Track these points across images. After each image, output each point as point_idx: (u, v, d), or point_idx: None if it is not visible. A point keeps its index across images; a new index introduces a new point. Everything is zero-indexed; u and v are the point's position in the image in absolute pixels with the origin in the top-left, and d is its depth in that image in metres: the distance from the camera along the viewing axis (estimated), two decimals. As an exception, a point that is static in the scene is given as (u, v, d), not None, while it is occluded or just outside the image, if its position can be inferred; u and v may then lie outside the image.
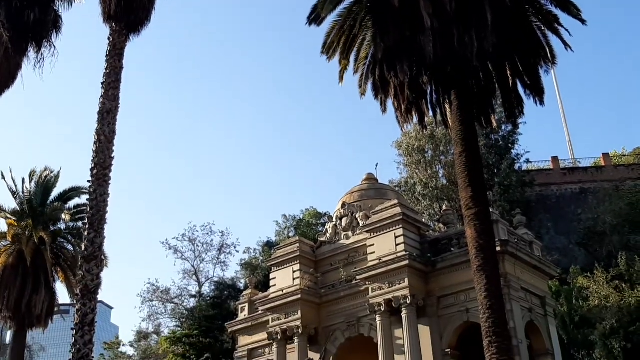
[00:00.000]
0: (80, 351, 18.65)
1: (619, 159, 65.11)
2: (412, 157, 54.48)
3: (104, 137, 20.68)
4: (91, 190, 20.07)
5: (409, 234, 28.79)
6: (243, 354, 34.15)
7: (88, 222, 19.65)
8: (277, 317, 31.15)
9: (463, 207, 19.16)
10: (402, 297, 26.92)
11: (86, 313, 18.80)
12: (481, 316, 17.13)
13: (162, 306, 60.84)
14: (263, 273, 51.41)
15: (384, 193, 34.10)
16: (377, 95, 21.89)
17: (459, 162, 19.52)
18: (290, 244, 33.44)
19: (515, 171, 53.43)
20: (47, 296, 35.19)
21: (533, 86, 21.16)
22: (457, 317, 26.91)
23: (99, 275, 19.39)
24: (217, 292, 56.51)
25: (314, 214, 62.98)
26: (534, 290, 28.15)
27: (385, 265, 27.70)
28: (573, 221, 54.52)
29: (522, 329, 25.98)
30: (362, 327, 29.50)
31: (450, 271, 27.52)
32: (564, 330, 34.77)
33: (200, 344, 45.16)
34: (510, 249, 26.47)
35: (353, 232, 31.83)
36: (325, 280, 31.82)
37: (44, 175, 38.00)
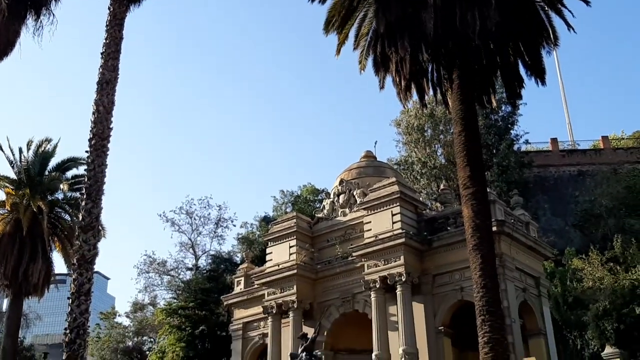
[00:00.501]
0: (76, 320, 18.77)
1: (617, 142, 65.12)
2: (411, 136, 54.39)
3: (103, 107, 20.62)
4: (89, 161, 20.06)
5: (406, 212, 28.85)
6: (238, 326, 34.43)
7: (85, 192, 19.66)
8: (272, 292, 31.33)
9: (461, 187, 19.19)
10: (397, 275, 27.06)
11: (82, 283, 18.90)
12: (475, 295, 17.25)
13: (159, 278, 61.23)
14: (259, 248, 51.57)
15: (382, 171, 34.10)
16: (377, 71, 21.80)
17: (458, 141, 19.50)
18: (287, 219, 33.52)
19: (514, 152, 53.40)
20: (44, 265, 35.36)
21: (534, 67, 21.08)
22: (452, 295, 27.09)
23: (95, 245, 19.45)
24: (214, 266, 56.76)
25: (311, 190, 63.02)
26: (528, 270, 28.31)
27: (381, 242, 27.80)
28: (570, 203, 54.69)
29: (515, 309, 26.16)
30: (357, 303, 29.69)
31: (446, 250, 27.64)
32: (557, 311, 35.05)
33: (196, 316, 45.45)
34: (507, 229, 26.56)
35: (350, 209, 31.90)
36: (321, 256, 31.95)
37: (42, 145, 37.95)
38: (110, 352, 61.74)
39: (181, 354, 43.90)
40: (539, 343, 27.44)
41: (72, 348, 18.76)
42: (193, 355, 43.22)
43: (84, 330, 19.18)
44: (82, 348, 18.95)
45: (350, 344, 31.06)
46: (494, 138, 52.31)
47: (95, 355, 62.68)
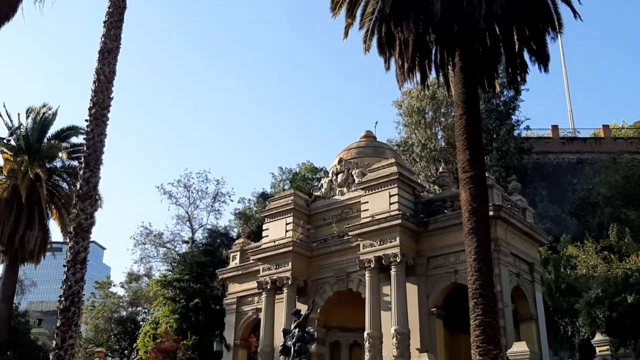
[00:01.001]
0: (71, 288, 18.84)
1: (618, 132, 65.11)
2: (412, 118, 54.30)
3: (104, 76, 20.50)
4: (88, 130, 19.99)
5: (404, 193, 28.89)
6: (232, 301, 34.64)
7: (84, 161, 19.62)
8: (267, 267, 31.47)
9: (459, 170, 19.20)
10: (392, 255, 27.17)
11: (78, 251, 18.93)
12: (469, 278, 17.34)
13: (155, 250, 61.46)
14: (256, 224, 51.69)
15: (382, 151, 34.08)
16: (382, 51, 21.69)
17: (459, 124, 19.47)
18: (285, 196, 33.56)
19: (514, 137, 53.36)
20: (41, 232, 35.46)
21: (538, 52, 20.98)
22: (445, 277, 27.24)
23: (92, 214, 19.46)
24: (210, 240, 56.91)
25: (310, 168, 63.01)
26: (523, 256, 28.44)
27: (377, 223, 27.87)
28: (568, 191, 54.77)
29: (508, 293, 26.32)
30: (351, 282, 29.85)
31: (442, 232, 27.74)
32: (550, 297, 35.23)
33: (191, 288, 45.64)
34: (503, 214, 26.63)
35: (348, 189, 31.92)
36: (317, 234, 32.05)
37: (42, 112, 37.81)
38: (105, 321, 62.16)
39: (175, 326, 44.16)
40: (530, 328, 27.67)
41: (66, 315, 18.85)
42: (187, 327, 43.47)
43: (79, 299, 19.25)
44: (77, 316, 19.03)
45: (342, 322, 31.32)
46: (495, 123, 52.25)
47: (90, 323, 63.12)
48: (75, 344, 19.32)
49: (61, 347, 18.68)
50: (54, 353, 18.71)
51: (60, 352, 18.63)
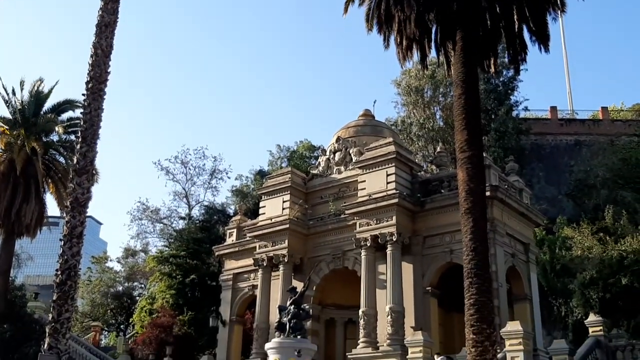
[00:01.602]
0: (68, 262, 18.92)
1: (617, 114, 64.94)
2: (411, 97, 54.09)
3: (101, 50, 20.41)
4: (85, 104, 19.96)
5: (401, 172, 28.88)
6: (228, 277, 34.76)
7: (81, 135, 19.61)
8: (264, 245, 31.54)
9: (457, 150, 19.14)
10: (389, 234, 27.23)
11: (75, 225, 18.98)
12: (464, 257, 17.37)
13: (151, 225, 61.53)
14: (253, 201, 51.72)
15: (380, 130, 34.00)
16: (381, 29, 21.49)
17: (458, 104, 19.37)
18: (282, 174, 33.52)
19: (513, 118, 53.22)
20: (37, 206, 35.38)
21: (539, 33, 20.79)
22: (441, 257, 27.33)
23: (89, 189, 19.49)
24: (207, 216, 56.94)
25: (307, 146, 62.88)
26: (518, 236, 28.52)
27: (374, 201, 27.89)
28: (565, 172, 54.81)
29: (503, 273, 26.45)
30: (347, 260, 29.94)
31: (438, 212, 27.77)
32: (544, 278, 35.44)
33: (187, 265, 45.75)
34: (500, 195, 26.65)
35: (345, 167, 31.88)
36: (314, 213, 32.07)
37: (38, 86, 37.52)
38: (101, 296, 62.43)
39: (171, 301, 44.35)
40: (524, 308, 27.84)
41: (62, 289, 18.96)
42: (183, 302, 43.67)
43: (75, 273, 19.35)
44: (73, 290, 19.14)
45: (338, 300, 31.49)
46: (494, 103, 52.08)
47: (86, 298, 63.39)
48: (72, 317, 19.47)
49: (57, 320, 18.84)
50: (50, 326, 18.86)
51: (56, 325, 18.78)
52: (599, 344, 25.64)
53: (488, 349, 15.86)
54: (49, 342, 18.69)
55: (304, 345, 24.17)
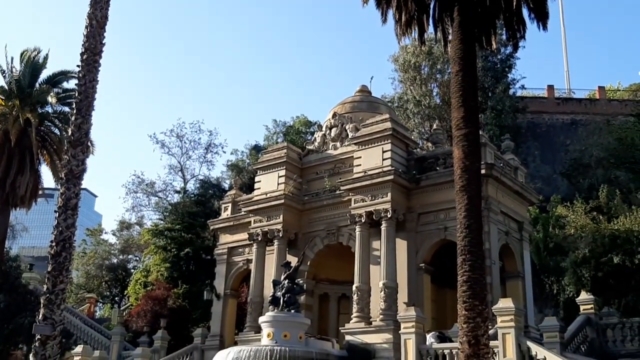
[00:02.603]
0: (62, 234, 18.94)
1: (613, 94, 64.87)
2: (408, 74, 53.86)
3: (96, 21, 20.23)
4: (80, 76, 19.84)
5: (397, 149, 28.86)
6: (223, 251, 34.88)
7: (75, 107, 19.52)
8: (259, 219, 31.60)
9: (453, 127, 19.09)
10: (383, 211, 27.29)
11: (70, 197, 18.97)
12: (458, 235, 17.43)
13: (146, 199, 61.62)
14: (248, 176, 51.73)
15: (376, 107, 33.89)
16: (379, 4, 21.31)
17: (455, 81, 19.27)
18: (278, 149, 33.46)
19: (510, 96, 53.12)
20: (32, 178, 35.29)
21: (538, 10, 20.64)
22: (435, 234, 27.44)
23: (84, 161, 19.45)
24: (202, 190, 56.98)
25: (304, 122, 62.77)
26: (513, 214, 28.63)
27: (370, 178, 27.91)
28: (560, 151, 54.88)
29: (496, 251, 26.60)
30: (342, 236, 30.04)
31: (433, 190, 27.81)
32: (537, 256, 35.64)
33: (182, 238, 45.89)
34: (495, 173, 26.69)
35: (341, 143, 31.84)
36: (309, 188, 32.09)
37: (33, 56, 37.18)
38: (96, 268, 62.67)
39: (166, 274, 44.58)
40: (516, 285, 28.04)
41: (57, 260, 19.02)
42: (177, 276, 43.91)
43: (70, 244, 19.40)
44: (68, 261, 19.21)
45: (332, 275, 31.68)
46: (491, 81, 51.92)
47: (81, 270, 63.63)
48: (66, 288, 19.56)
49: (52, 291, 18.94)
50: (45, 297, 18.96)
51: (51, 296, 18.88)
52: (589, 322, 25.90)
53: (480, 325, 15.99)
54: (44, 312, 18.79)
55: (297, 319, 24.44)
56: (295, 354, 22.10)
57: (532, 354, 19.48)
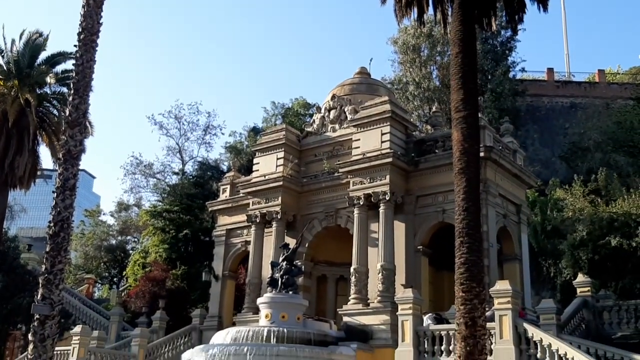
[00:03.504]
0: (61, 214, 18.95)
1: (613, 77, 64.75)
2: (407, 55, 53.71)
3: (93, 1, 20.08)
4: (77, 56, 19.74)
5: (396, 132, 28.80)
6: (221, 232, 34.94)
7: (73, 87, 19.44)
8: (257, 201, 31.62)
9: (452, 110, 19.07)
10: (382, 193, 27.30)
11: (68, 178, 18.96)
12: (456, 217, 17.48)
13: (144, 180, 61.52)
14: (247, 158, 51.67)
15: (375, 89, 33.76)
16: (379, -16, 21.20)
17: (454, 63, 19.21)
18: (276, 131, 33.39)
19: (509, 79, 53.03)
20: (30, 158, 35.22)
21: (538, -9, 20.55)
22: (433, 216, 27.47)
23: (82, 141, 19.42)
24: (200, 172, 56.94)
25: (302, 104, 62.59)
26: (511, 197, 28.66)
27: (368, 160, 27.88)
28: (559, 134, 54.88)
29: (494, 234, 26.67)
30: (340, 218, 30.08)
31: (432, 172, 27.80)
32: (535, 239, 35.74)
33: (180, 220, 45.90)
34: (494, 156, 26.67)
35: (340, 125, 31.77)
36: (307, 170, 32.07)
37: (33, 38, 36.98)
38: (94, 249, 62.78)
39: (164, 255, 44.65)
40: (513, 268, 28.16)
41: (55, 241, 19.05)
42: (176, 257, 43.97)
43: (68, 225, 19.42)
44: (66, 241, 19.24)
45: (330, 257, 31.77)
46: (491, 64, 51.81)
47: (79, 251, 63.77)
48: (65, 269, 19.61)
49: (50, 271, 18.99)
50: (44, 277, 19.01)
51: (49, 276, 18.94)
52: (586, 304, 26.03)
53: (477, 306, 16.09)
54: (42, 292, 18.85)
55: (295, 300, 24.56)
56: (293, 335, 22.22)
57: (528, 336, 19.60)
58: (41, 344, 18.63)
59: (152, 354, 30.66)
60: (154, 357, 30.68)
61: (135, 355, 29.27)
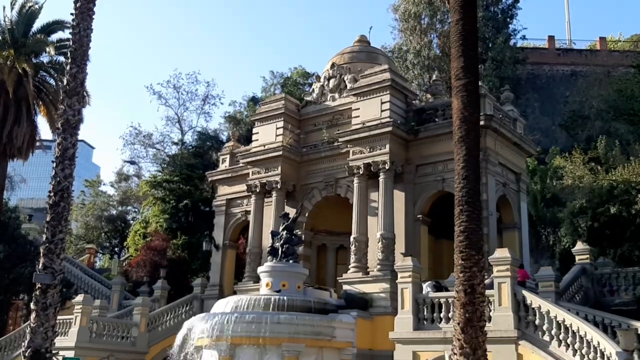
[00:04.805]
0: (60, 184, 18.94)
1: (614, 45, 64.26)
2: (408, 23, 53.26)
3: (90, -33, 19.80)
4: (74, 24, 19.52)
5: (396, 100, 28.64)
6: (222, 202, 34.99)
7: (70, 56, 19.27)
8: (257, 171, 31.59)
9: (452, 78, 18.87)
10: (382, 162, 27.25)
11: (67, 147, 18.90)
12: (456, 186, 17.43)
13: (144, 150, 61.54)
14: (246, 128, 51.58)
15: (375, 57, 33.49)
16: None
17: (455, 30, 18.95)
18: (276, 100, 33.21)
19: (510, 47, 52.64)
20: (29, 128, 35.15)
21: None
22: (433, 185, 27.46)
23: (80, 111, 19.32)
24: (199, 142, 56.93)
25: (302, 73, 62.25)
26: (510, 166, 28.63)
27: (368, 129, 27.77)
28: (560, 103, 54.67)
29: (493, 202, 26.69)
30: (340, 187, 30.08)
31: (432, 141, 27.71)
32: (534, 207, 35.85)
33: (180, 190, 46.02)
34: (494, 124, 26.56)
35: (340, 94, 31.59)
36: (307, 140, 31.98)
37: (27, 5, 36.58)
38: (95, 219, 63.04)
39: (164, 225, 44.87)
40: (512, 236, 28.25)
41: (55, 210, 19.06)
42: (176, 227, 44.19)
43: (68, 194, 19.42)
44: (66, 211, 19.25)
45: (329, 226, 31.86)
46: (491, 31, 51.40)
47: (80, 221, 64.03)
48: (65, 238, 19.68)
49: (51, 240, 19.04)
50: (45, 246, 19.07)
51: (50, 245, 18.99)
52: (584, 272, 26.19)
53: (476, 274, 16.13)
54: (44, 262, 18.92)
55: (295, 269, 24.71)
56: (293, 303, 22.39)
57: (527, 303, 19.74)
58: (43, 312, 18.76)
59: (154, 322, 30.95)
60: (156, 326, 30.98)
61: (137, 323, 29.55)
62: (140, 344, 29.35)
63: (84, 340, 27.00)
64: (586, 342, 17.56)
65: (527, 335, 19.28)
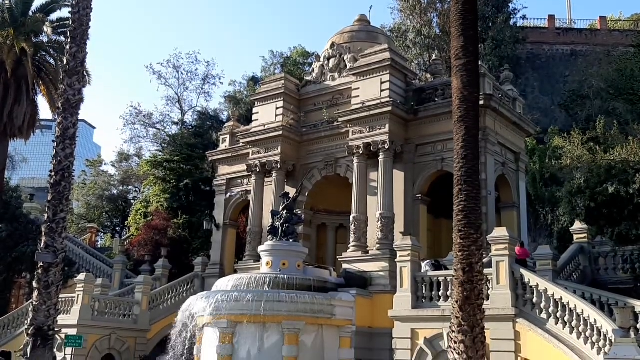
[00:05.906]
0: (61, 163, 19.05)
1: (615, 24, 63.94)
2: (408, 2, 52.96)
3: (89, -54, 19.72)
4: (74, 3, 19.49)
5: (395, 80, 28.63)
6: (222, 182, 35.12)
7: (70, 35, 19.27)
8: (257, 151, 31.68)
9: (452, 57, 18.89)
10: (381, 142, 27.33)
11: (67, 127, 18.98)
12: (455, 165, 17.53)
13: (144, 130, 61.60)
14: (246, 108, 51.55)
15: (375, 37, 33.41)
16: None
17: (455, 9, 18.94)
18: (276, 80, 33.20)
19: (510, 26, 52.38)
20: (29, 108, 35.18)
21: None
22: (432, 165, 27.57)
23: (80, 90, 19.36)
24: (200, 122, 56.97)
25: (301, 52, 62.05)
26: (510, 145, 28.72)
27: (368, 109, 27.81)
28: (559, 82, 54.55)
29: (492, 182, 26.80)
30: (339, 167, 30.20)
31: (431, 121, 27.76)
32: (533, 187, 35.94)
33: (181, 169, 46.13)
34: (493, 104, 26.60)
35: (339, 74, 31.57)
36: (307, 120, 32.03)
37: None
38: (96, 199, 63.23)
39: (165, 205, 45.04)
40: (511, 215, 28.43)
41: (57, 190, 19.20)
42: (177, 206, 44.36)
43: (69, 174, 19.53)
44: (67, 190, 19.38)
45: (329, 206, 32.02)
46: (492, 11, 51.14)
47: (81, 200, 64.21)
48: (67, 217, 19.84)
49: (53, 220, 19.20)
50: (46, 225, 19.23)
51: (52, 224, 19.15)
52: (582, 250, 26.36)
53: (474, 253, 16.29)
54: (46, 241, 19.09)
55: (295, 248, 24.88)
56: (293, 282, 22.56)
57: (525, 281, 19.93)
58: (45, 290, 18.97)
59: (156, 300, 31.24)
60: (158, 304, 31.27)
61: (139, 302, 29.83)
62: (142, 321, 29.65)
63: (86, 318, 27.30)
64: (583, 319, 17.77)
65: (524, 313, 19.48)
